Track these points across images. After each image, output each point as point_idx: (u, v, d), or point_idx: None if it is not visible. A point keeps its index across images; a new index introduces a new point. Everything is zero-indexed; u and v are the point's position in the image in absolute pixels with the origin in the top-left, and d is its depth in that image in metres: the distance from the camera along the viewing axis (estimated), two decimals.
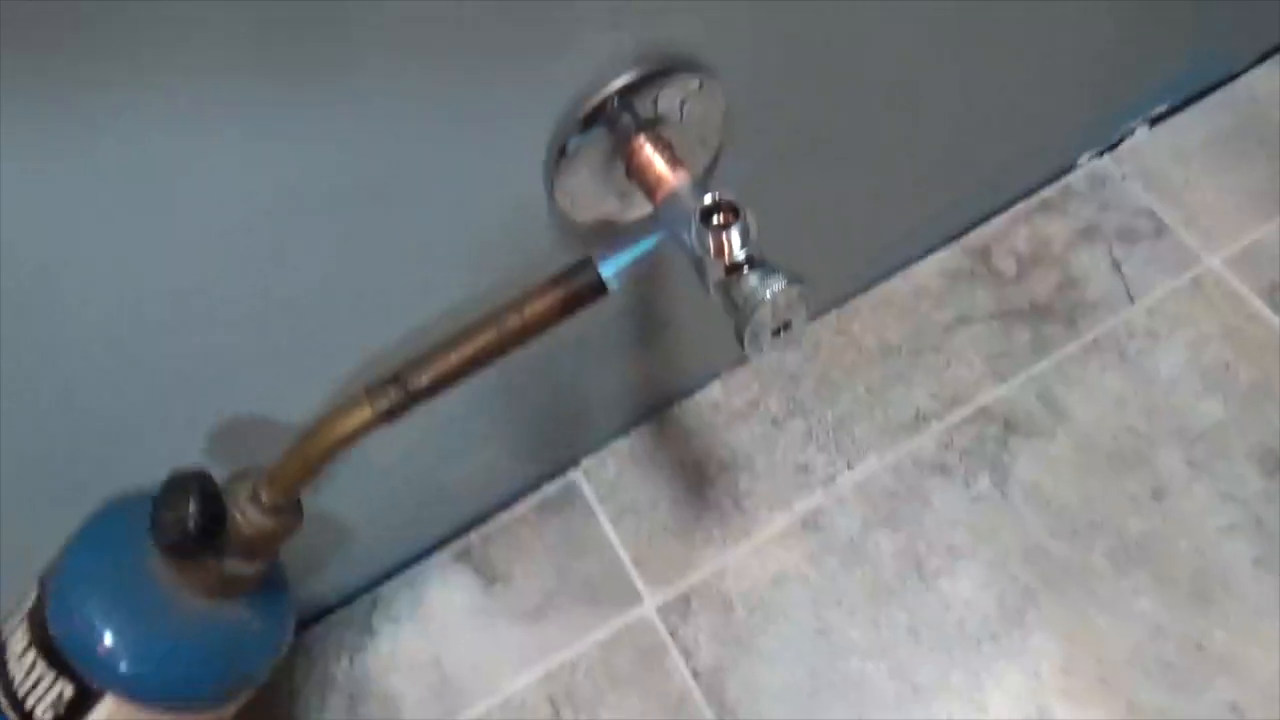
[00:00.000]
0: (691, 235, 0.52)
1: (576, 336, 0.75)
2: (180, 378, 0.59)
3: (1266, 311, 0.84)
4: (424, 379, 0.53)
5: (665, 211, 0.57)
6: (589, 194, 0.61)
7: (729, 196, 0.51)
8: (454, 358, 0.53)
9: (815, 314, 0.92)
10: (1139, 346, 0.85)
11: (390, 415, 0.53)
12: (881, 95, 0.73)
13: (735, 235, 0.51)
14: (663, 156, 0.57)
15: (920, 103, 0.76)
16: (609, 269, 0.54)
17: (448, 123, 0.53)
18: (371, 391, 0.53)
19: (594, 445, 0.90)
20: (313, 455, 0.54)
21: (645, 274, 0.75)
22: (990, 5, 0.71)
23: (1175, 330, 0.85)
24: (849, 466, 0.85)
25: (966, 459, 0.83)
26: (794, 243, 0.80)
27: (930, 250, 0.93)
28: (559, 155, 0.58)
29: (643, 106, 0.58)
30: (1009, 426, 0.84)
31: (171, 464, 0.55)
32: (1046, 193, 0.94)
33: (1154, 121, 0.95)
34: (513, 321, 0.53)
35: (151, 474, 0.54)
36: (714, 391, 0.90)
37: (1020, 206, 0.94)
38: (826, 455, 0.86)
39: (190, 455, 0.62)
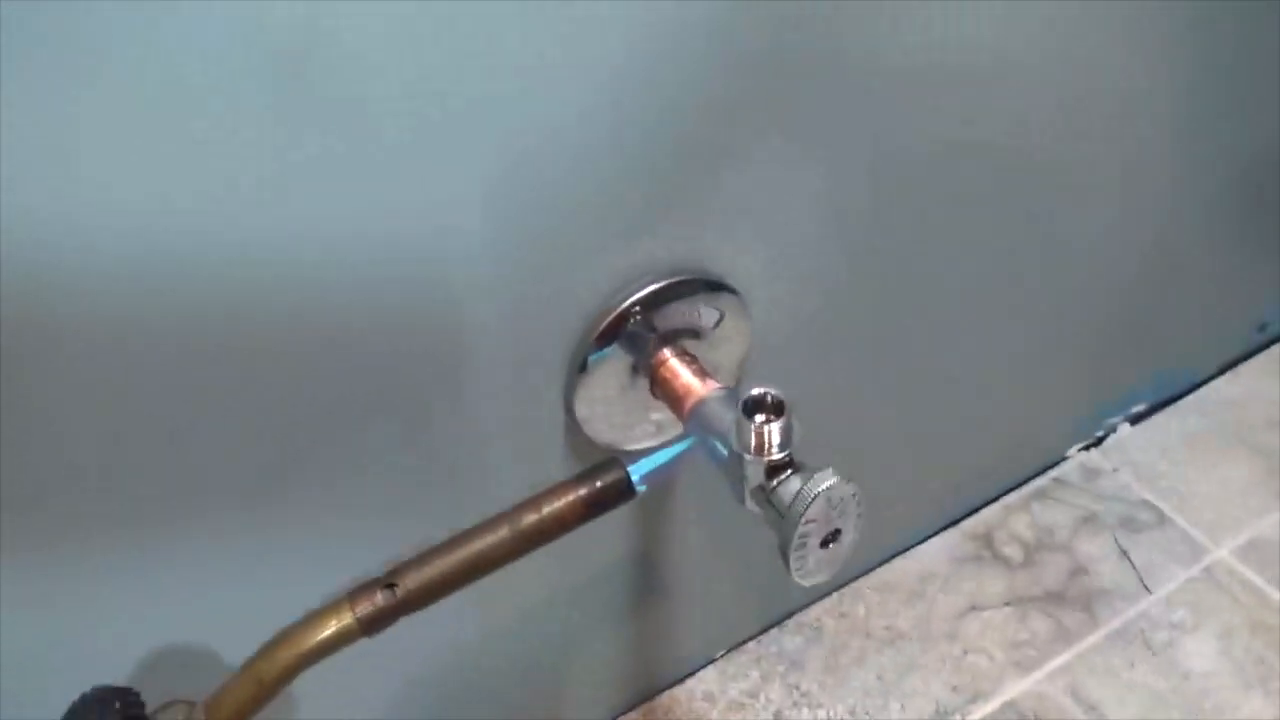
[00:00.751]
0: (731, 434, 0.49)
1: (549, 602, 0.68)
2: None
3: None
4: (421, 580, 0.46)
5: (694, 421, 0.53)
6: (610, 411, 0.57)
7: (774, 390, 0.48)
8: (459, 556, 0.46)
9: (815, 595, 0.86)
10: (1165, 638, 0.79)
11: (375, 624, 0.45)
12: (892, 372, 0.73)
13: (777, 432, 0.48)
14: (690, 368, 0.55)
15: (925, 386, 0.76)
16: (637, 471, 0.50)
17: (463, 330, 0.51)
18: (355, 595, 0.45)
19: None
20: (270, 674, 0.45)
21: (641, 531, 0.70)
22: (983, 307, 0.74)
23: (1199, 621, 0.80)
24: None
25: None
26: None
27: (930, 534, 0.89)
28: (579, 370, 0.56)
29: (664, 320, 0.56)
30: None
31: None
32: (1040, 482, 0.93)
33: (1134, 420, 0.97)
34: (529, 520, 0.47)
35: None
36: (707, 678, 0.81)
37: (1015, 495, 0.92)
38: None
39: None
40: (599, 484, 0.48)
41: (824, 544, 0.48)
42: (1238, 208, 0.86)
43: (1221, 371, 1.01)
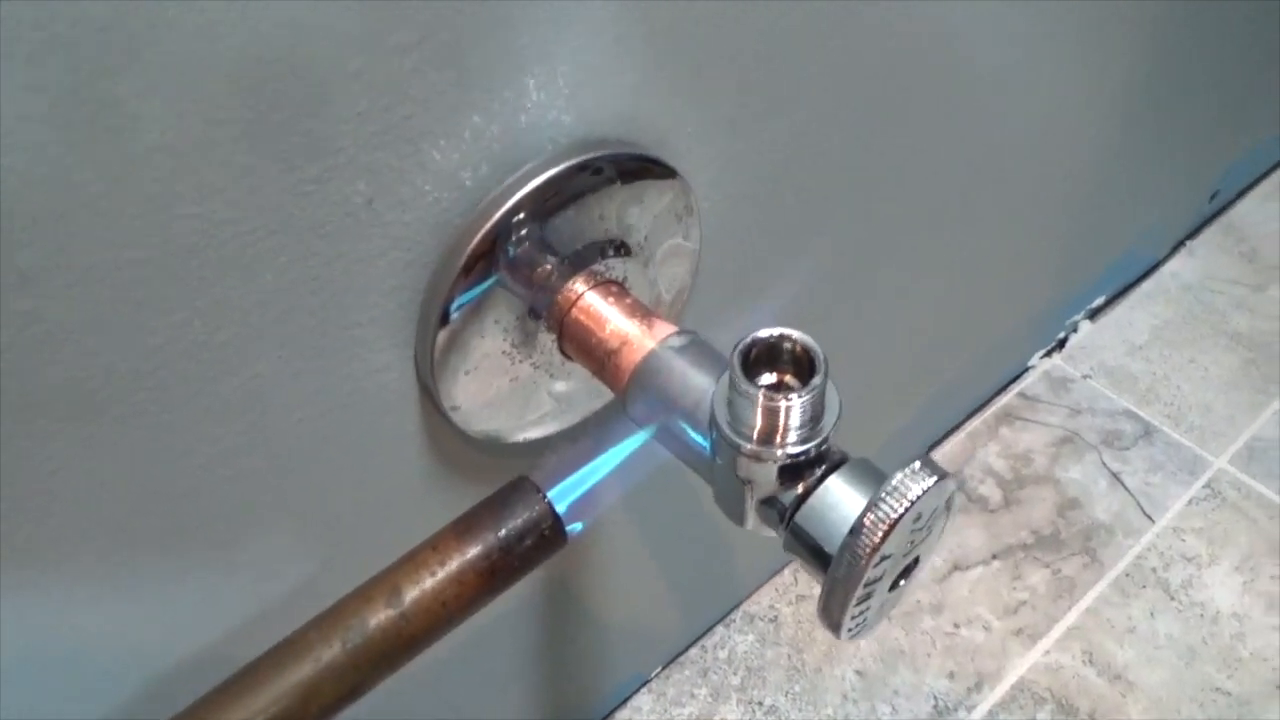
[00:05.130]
0: (716, 409, 0.28)
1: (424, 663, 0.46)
2: None
3: None
4: None
5: (642, 394, 0.32)
6: (495, 388, 0.35)
7: (797, 336, 0.28)
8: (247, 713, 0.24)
9: (764, 575, 0.68)
10: (1181, 576, 0.66)
11: None
12: (841, 294, 0.54)
13: (802, 408, 0.27)
14: (620, 306, 0.34)
15: (874, 307, 0.58)
16: (564, 498, 0.29)
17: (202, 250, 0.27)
18: None
19: None
20: None
21: None
22: (928, 213, 0.57)
23: (1215, 551, 0.67)
24: None
25: None
26: None
27: None
28: (438, 324, 0.33)
29: (569, 231, 0.35)
30: (1064, 708, 0.60)
31: None
32: (1005, 400, 0.77)
33: (1094, 315, 0.83)
34: (379, 621, 0.25)
35: None
36: (643, 707, 0.62)
37: (979, 420, 0.76)
38: None
39: None
40: (503, 534, 0.27)
41: (895, 582, 0.28)
42: (1183, 74, 0.72)
43: (1175, 250, 0.88)
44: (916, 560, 0.28)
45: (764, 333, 0.27)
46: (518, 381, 0.35)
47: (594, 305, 0.34)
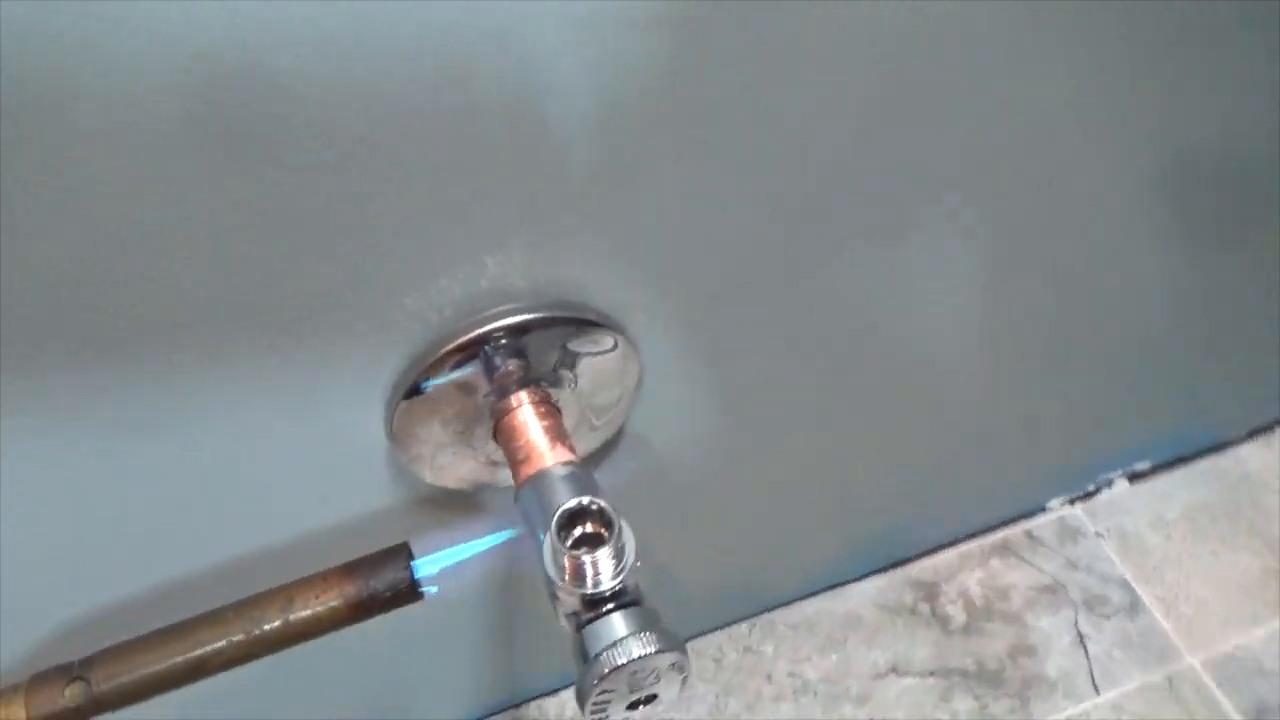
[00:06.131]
0: (546, 556, 0.38)
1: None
2: None
3: None
4: (120, 680, 0.36)
5: (528, 498, 0.42)
6: (440, 448, 0.46)
7: (602, 503, 0.37)
8: (172, 655, 0.37)
9: (723, 620, 0.77)
10: None
11: None
12: (834, 398, 0.61)
13: (602, 561, 0.37)
14: (542, 424, 0.44)
15: (877, 411, 0.64)
16: (428, 566, 0.40)
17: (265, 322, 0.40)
18: (34, 687, 0.36)
19: None
20: None
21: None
22: (968, 332, 0.61)
23: None
24: None
25: None
26: (702, 537, 0.66)
27: (870, 571, 0.79)
28: (407, 393, 0.45)
29: (534, 354, 0.45)
30: None
31: None
32: (1008, 532, 0.81)
33: (1134, 477, 0.84)
34: (271, 620, 0.38)
35: None
36: (569, 702, 0.73)
37: (975, 543, 0.81)
38: None
39: None
40: (371, 582, 0.38)
41: (633, 705, 0.38)
42: None
43: (1250, 436, 0.87)
44: (653, 696, 0.37)
45: (572, 502, 0.37)
46: (459, 455, 0.46)
47: (523, 418, 0.44)
